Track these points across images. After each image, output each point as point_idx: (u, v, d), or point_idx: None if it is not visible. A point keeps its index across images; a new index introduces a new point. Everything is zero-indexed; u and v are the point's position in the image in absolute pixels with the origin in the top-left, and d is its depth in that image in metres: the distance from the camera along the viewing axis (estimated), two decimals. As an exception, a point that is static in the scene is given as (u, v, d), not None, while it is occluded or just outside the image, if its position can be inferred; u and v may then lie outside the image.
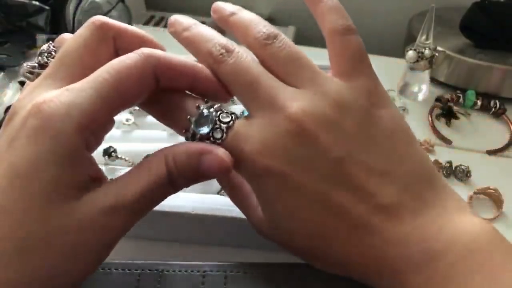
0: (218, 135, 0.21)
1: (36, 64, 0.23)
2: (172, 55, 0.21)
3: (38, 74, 0.22)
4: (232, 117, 0.21)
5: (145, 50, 0.20)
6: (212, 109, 0.21)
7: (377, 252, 0.20)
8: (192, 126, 0.21)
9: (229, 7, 0.24)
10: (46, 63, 0.22)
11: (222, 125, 0.21)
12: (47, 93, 0.19)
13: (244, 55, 0.22)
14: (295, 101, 0.20)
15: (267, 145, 0.20)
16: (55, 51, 0.23)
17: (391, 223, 0.20)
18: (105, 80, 0.19)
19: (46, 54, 0.23)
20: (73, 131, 0.18)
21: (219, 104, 0.22)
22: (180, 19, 0.24)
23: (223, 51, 0.22)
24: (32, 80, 0.22)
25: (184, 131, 0.21)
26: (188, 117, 0.21)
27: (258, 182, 0.21)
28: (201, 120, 0.21)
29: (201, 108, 0.21)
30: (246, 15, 0.24)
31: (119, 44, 0.22)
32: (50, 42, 0.24)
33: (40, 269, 0.17)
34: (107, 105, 0.19)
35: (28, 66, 0.23)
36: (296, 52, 0.22)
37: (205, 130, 0.21)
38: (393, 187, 0.20)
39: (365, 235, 0.20)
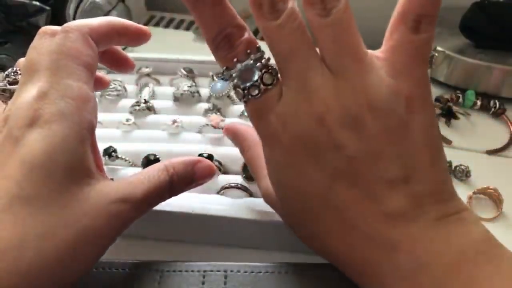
0: (254, 92, 0.21)
1: (7, 84, 0.25)
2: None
3: (11, 92, 0.24)
4: (274, 79, 0.21)
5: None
6: (259, 64, 0.21)
7: (367, 255, 0.20)
8: (235, 73, 0.21)
9: None
10: (15, 79, 0.25)
11: (262, 85, 0.21)
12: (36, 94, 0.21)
13: (292, 19, 0.20)
14: (323, 89, 0.20)
15: (285, 123, 0.20)
16: (19, 70, 0.25)
17: (386, 228, 0.19)
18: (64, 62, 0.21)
19: (13, 74, 0.26)
20: (78, 116, 0.20)
21: (267, 57, 0.21)
22: None
23: (273, 10, 0.20)
24: (7, 98, 0.25)
25: (225, 68, 0.22)
26: (235, 60, 0.21)
27: (270, 149, 0.22)
28: (246, 71, 0.21)
29: (251, 57, 0.21)
30: None
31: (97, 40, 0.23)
32: (12, 68, 0.27)
33: (61, 252, 0.18)
34: (91, 72, 0.22)
35: None
36: (345, 32, 0.20)
37: (246, 83, 0.21)
38: (399, 196, 0.19)
39: (358, 236, 0.20)
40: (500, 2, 0.50)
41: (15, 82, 0.25)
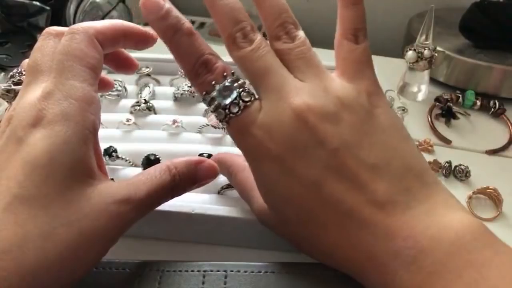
0: (234, 109, 0.22)
1: (11, 84, 0.26)
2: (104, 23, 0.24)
3: (16, 92, 0.24)
4: (252, 97, 0.23)
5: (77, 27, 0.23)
6: (236, 84, 0.23)
7: (365, 246, 0.20)
8: (215, 93, 0.22)
9: None
10: (20, 79, 0.26)
11: (241, 102, 0.22)
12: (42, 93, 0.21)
13: (263, 45, 0.23)
14: (300, 93, 0.22)
15: (270, 131, 0.21)
16: (24, 71, 0.25)
17: (380, 216, 0.20)
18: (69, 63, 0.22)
19: (17, 75, 0.26)
20: (81, 117, 0.21)
21: (243, 80, 0.23)
22: None
23: (246, 40, 0.23)
24: (11, 98, 0.25)
25: (204, 93, 0.23)
26: (213, 82, 0.23)
27: (257, 164, 0.23)
28: (225, 91, 0.23)
29: (228, 79, 0.23)
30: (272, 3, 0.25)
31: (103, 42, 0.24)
32: (17, 68, 0.27)
33: (62, 252, 0.18)
34: (95, 78, 0.23)
35: (3, 87, 0.26)
36: (309, 52, 0.24)
37: (226, 101, 0.22)
38: (385, 181, 0.20)
39: (354, 227, 0.20)
40: (500, 2, 0.50)
41: (19, 83, 0.25)
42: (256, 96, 0.23)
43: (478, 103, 0.47)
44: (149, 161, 0.33)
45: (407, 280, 0.19)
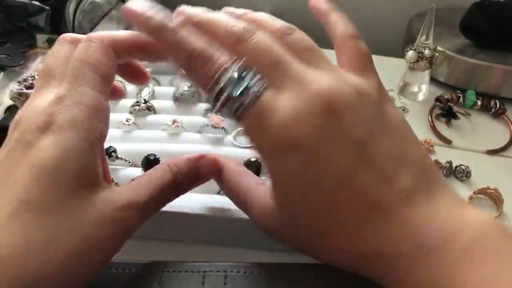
0: (246, 100, 0.20)
1: (23, 88, 0.26)
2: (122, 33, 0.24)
3: (27, 96, 0.24)
4: (265, 83, 0.21)
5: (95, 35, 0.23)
6: (244, 73, 0.21)
7: (389, 237, 0.20)
8: (222, 84, 0.21)
9: (239, 10, 0.25)
10: (32, 84, 0.26)
11: (250, 92, 0.20)
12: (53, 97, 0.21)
13: (267, 35, 0.22)
14: (321, 81, 0.21)
15: (295, 118, 0.20)
16: (37, 75, 0.25)
17: (406, 207, 0.20)
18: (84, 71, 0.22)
19: (30, 79, 0.27)
20: (90, 124, 0.21)
21: (247, 69, 0.21)
22: (191, 9, 0.24)
23: (246, 30, 0.22)
24: (23, 102, 0.25)
25: (209, 87, 0.21)
26: (219, 73, 0.21)
27: (281, 156, 0.21)
28: (233, 80, 0.21)
29: (233, 68, 0.21)
30: (260, 13, 0.24)
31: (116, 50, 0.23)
32: (30, 72, 0.28)
33: (65, 258, 0.18)
34: (107, 86, 0.23)
35: (16, 90, 0.27)
36: (314, 45, 0.23)
37: (236, 91, 0.20)
38: (408, 171, 0.20)
39: (380, 217, 0.20)
40: (500, 2, 0.50)
41: (32, 87, 0.25)
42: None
43: (479, 103, 0.47)
44: (149, 161, 0.33)
45: (432, 267, 0.19)
